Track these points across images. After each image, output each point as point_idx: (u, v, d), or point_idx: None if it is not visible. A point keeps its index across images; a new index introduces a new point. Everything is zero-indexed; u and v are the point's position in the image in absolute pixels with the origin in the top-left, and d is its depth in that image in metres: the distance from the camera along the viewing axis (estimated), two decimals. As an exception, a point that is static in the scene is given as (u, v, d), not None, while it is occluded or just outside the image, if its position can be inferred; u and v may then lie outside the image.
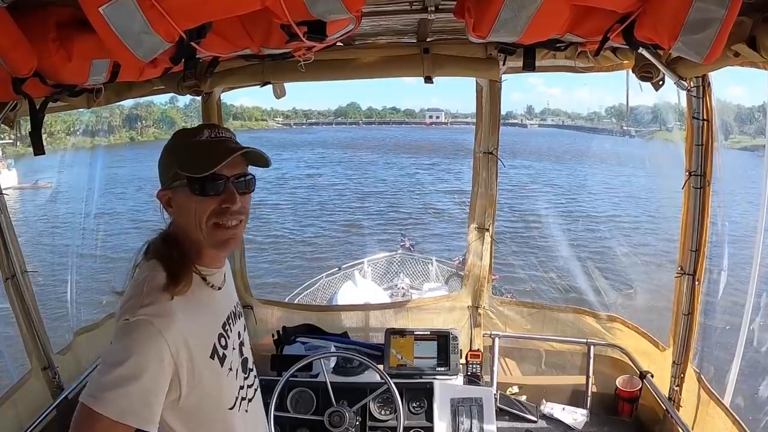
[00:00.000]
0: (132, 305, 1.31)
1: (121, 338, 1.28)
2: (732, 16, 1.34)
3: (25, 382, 2.82)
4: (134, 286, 1.37)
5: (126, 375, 1.24)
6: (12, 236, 2.74)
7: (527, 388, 3.38)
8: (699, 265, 2.71)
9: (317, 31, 1.52)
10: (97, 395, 1.23)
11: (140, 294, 1.33)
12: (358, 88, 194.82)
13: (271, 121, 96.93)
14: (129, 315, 1.29)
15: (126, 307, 1.32)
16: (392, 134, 76.02)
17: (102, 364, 1.28)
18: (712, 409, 2.66)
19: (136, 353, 1.26)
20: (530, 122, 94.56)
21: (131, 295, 1.34)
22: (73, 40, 1.61)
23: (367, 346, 3.18)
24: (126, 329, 1.28)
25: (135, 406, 1.25)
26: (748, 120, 31.41)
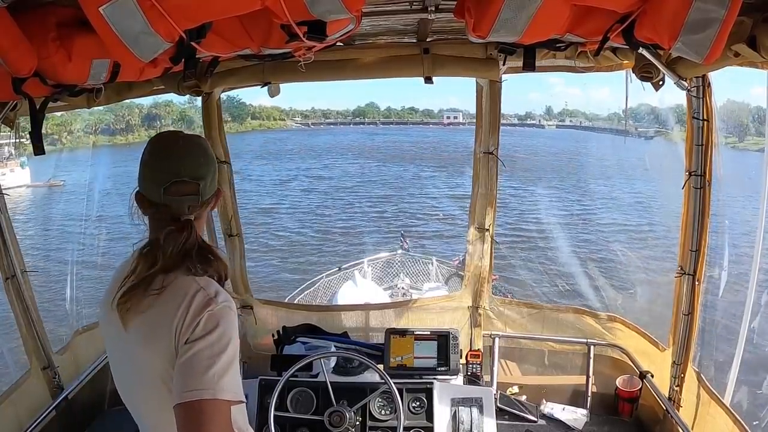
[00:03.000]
0: (207, 296, 1.41)
1: (215, 328, 1.37)
2: (732, 16, 1.34)
3: (24, 382, 2.82)
4: (192, 282, 1.45)
5: (229, 359, 1.36)
6: (12, 236, 2.74)
7: (527, 388, 3.39)
8: (699, 265, 2.71)
9: (317, 31, 1.52)
10: (214, 387, 1.31)
11: (207, 285, 1.45)
12: (377, 87, 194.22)
13: (290, 120, 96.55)
14: (212, 305, 1.40)
15: (200, 301, 1.40)
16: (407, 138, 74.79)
17: (200, 358, 1.34)
18: (713, 408, 2.66)
19: (233, 335, 1.40)
20: (548, 123, 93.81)
21: (197, 288, 1.43)
22: (73, 39, 1.61)
23: (367, 346, 3.18)
24: (215, 318, 1.39)
25: (240, 382, 1.39)
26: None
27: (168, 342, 1.39)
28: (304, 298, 8.42)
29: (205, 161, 1.53)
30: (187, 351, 1.35)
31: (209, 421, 1.29)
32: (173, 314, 1.39)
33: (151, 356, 1.42)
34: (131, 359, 1.49)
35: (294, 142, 62.35)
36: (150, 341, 1.42)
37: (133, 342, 1.46)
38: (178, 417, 1.30)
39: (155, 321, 1.42)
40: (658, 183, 23.06)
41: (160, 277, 1.45)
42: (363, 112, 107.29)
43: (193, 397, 1.29)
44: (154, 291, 1.43)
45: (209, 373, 1.32)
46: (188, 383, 1.32)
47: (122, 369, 1.56)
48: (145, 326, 1.44)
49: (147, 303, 1.43)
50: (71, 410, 2.96)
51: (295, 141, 63.67)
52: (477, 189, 3.36)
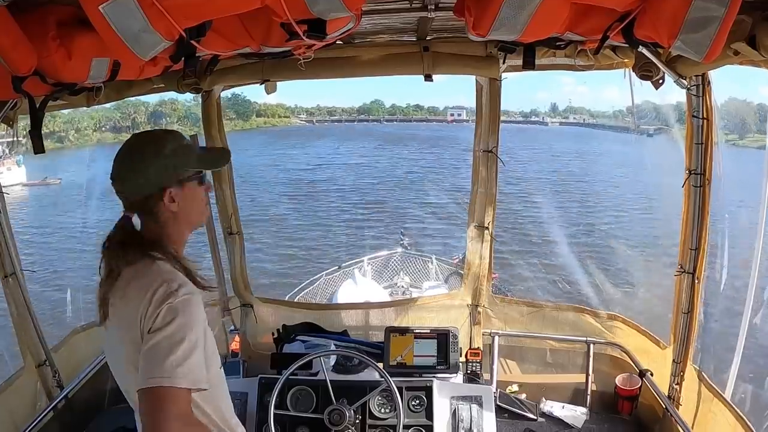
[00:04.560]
0: (169, 290, 1.47)
1: (173, 320, 1.43)
2: (732, 15, 1.34)
3: (17, 378, 2.82)
4: (157, 276, 1.51)
5: (189, 348, 1.42)
6: (10, 235, 2.74)
7: (527, 386, 3.39)
8: (699, 263, 2.71)
9: (317, 30, 1.53)
10: (171, 374, 1.38)
11: (171, 280, 1.50)
12: (383, 85, 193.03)
13: (294, 117, 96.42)
14: (171, 298, 1.45)
15: (162, 294, 1.46)
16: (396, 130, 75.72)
17: (159, 347, 1.41)
18: (715, 406, 2.66)
19: (193, 326, 1.46)
20: (552, 120, 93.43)
21: (161, 282, 1.48)
22: (73, 38, 1.61)
23: (367, 345, 3.18)
24: (174, 310, 1.44)
25: (201, 371, 1.45)
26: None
27: (136, 332, 1.47)
28: (304, 297, 8.42)
29: (128, 161, 1.58)
30: (149, 341, 1.43)
31: (165, 407, 1.36)
32: (138, 306, 1.47)
33: (126, 346, 1.50)
34: (114, 352, 1.60)
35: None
36: (124, 332, 1.51)
37: (113, 335, 1.57)
38: (140, 402, 1.39)
39: (125, 313, 1.50)
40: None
41: (125, 270, 1.55)
42: (368, 109, 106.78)
43: (152, 383, 1.37)
44: (121, 284, 1.55)
45: (167, 361, 1.38)
46: (149, 370, 1.39)
47: (111, 363, 1.66)
48: (117, 318, 1.54)
49: (117, 296, 1.54)
50: (71, 408, 2.96)
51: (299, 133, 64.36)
52: (476, 187, 3.35)
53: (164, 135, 1.65)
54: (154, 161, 1.57)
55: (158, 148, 1.59)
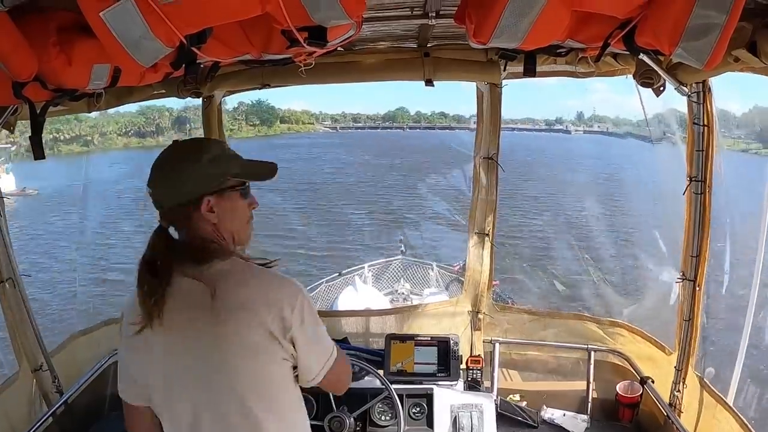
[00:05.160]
0: (295, 285, 1.55)
1: (312, 304, 1.57)
2: (733, 22, 1.34)
3: (11, 384, 2.81)
4: (275, 277, 1.56)
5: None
6: (8, 240, 2.74)
7: (528, 393, 3.37)
8: (700, 270, 2.70)
9: (318, 37, 1.53)
10: (331, 342, 1.66)
11: (285, 278, 1.57)
12: (409, 91, 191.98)
13: (318, 124, 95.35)
14: (303, 291, 1.55)
15: (292, 288, 1.53)
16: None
17: (316, 321, 1.57)
18: (719, 412, 2.64)
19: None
20: (576, 129, 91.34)
21: (285, 283, 1.54)
22: (73, 44, 1.61)
23: (367, 352, 3.17)
24: (309, 297, 1.57)
25: None
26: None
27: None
28: None
29: (168, 169, 1.52)
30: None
31: (343, 369, 1.87)
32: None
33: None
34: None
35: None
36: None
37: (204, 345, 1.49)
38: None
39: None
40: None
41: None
42: (393, 116, 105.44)
43: (329, 359, 1.68)
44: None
45: (323, 339, 1.65)
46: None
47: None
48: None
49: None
50: (71, 414, 2.95)
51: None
52: (477, 194, 3.35)
53: (205, 142, 1.63)
54: (192, 167, 1.51)
55: (197, 155, 1.53)
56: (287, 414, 1.61)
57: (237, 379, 1.48)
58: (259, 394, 1.52)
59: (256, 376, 1.50)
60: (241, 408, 1.49)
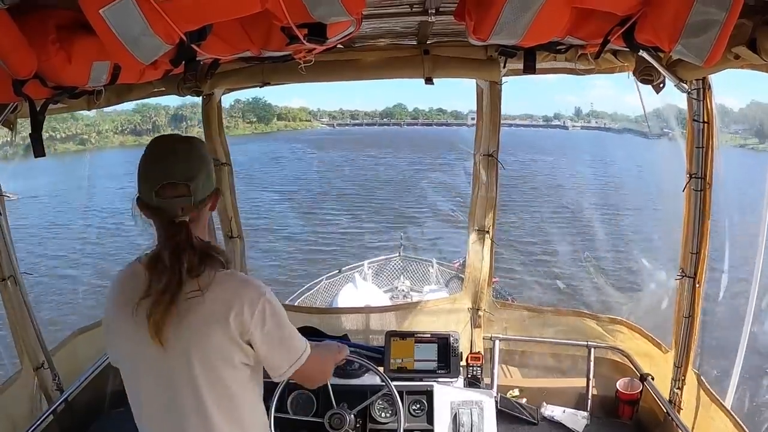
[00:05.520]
0: (260, 288, 1.56)
1: (276, 306, 1.57)
2: (732, 19, 1.33)
3: (13, 382, 2.82)
4: (240, 279, 1.59)
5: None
6: (9, 238, 2.75)
7: (528, 390, 3.38)
8: (699, 267, 2.71)
9: (318, 34, 1.53)
10: (305, 343, 1.66)
11: (251, 280, 1.60)
12: (407, 88, 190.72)
13: (316, 121, 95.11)
14: (266, 293, 1.55)
15: (256, 291, 1.54)
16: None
17: (283, 328, 1.59)
18: (714, 411, 2.65)
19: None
20: (574, 124, 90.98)
21: (247, 284, 1.56)
22: (73, 42, 1.61)
23: (367, 349, 3.17)
24: (273, 299, 1.57)
25: None
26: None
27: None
28: (305, 301, 8.40)
29: (196, 162, 1.53)
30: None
31: (318, 364, 1.84)
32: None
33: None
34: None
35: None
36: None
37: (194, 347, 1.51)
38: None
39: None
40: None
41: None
42: (390, 113, 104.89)
43: (299, 358, 1.67)
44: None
45: (292, 336, 1.66)
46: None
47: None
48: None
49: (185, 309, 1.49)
50: (71, 412, 2.96)
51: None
52: (477, 191, 3.35)
53: (197, 138, 1.66)
54: (211, 162, 1.58)
55: (204, 151, 1.59)
56: (245, 423, 1.61)
57: (195, 380, 1.50)
58: (216, 397, 1.54)
59: (215, 379, 1.52)
60: (197, 408, 1.52)
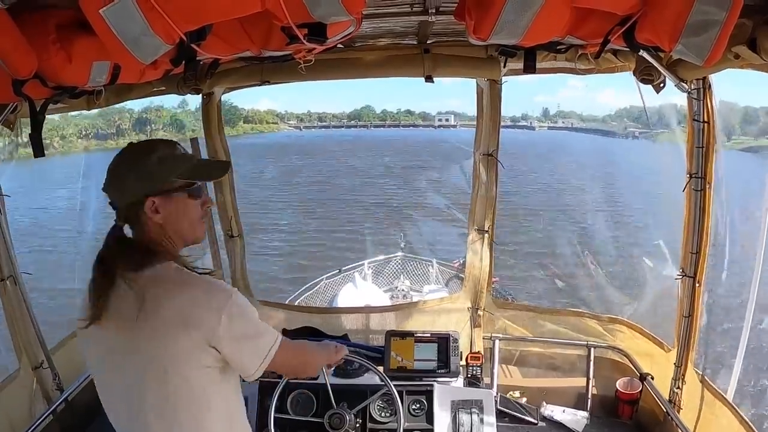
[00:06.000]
0: (227, 291, 1.54)
1: (244, 307, 1.56)
2: (733, 19, 1.34)
3: (11, 381, 2.82)
4: (207, 283, 1.56)
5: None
6: (8, 238, 2.75)
7: (527, 390, 3.38)
8: (699, 267, 2.71)
9: (318, 33, 1.53)
10: (274, 337, 1.63)
11: (218, 284, 1.58)
12: (375, 89, 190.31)
13: (283, 124, 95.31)
14: (233, 296, 1.54)
15: (223, 294, 1.53)
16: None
17: (250, 329, 1.58)
18: (719, 409, 2.65)
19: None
20: (540, 125, 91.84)
21: (215, 288, 1.54)
22: (73, 42, 1.61)
23: (367, 348, 3.17)
24: (240, 300, 1.55)
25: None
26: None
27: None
28: (305, 300, 8.40)
29: (119, 169, 1.55)
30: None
31: (291, 353, 1.78)
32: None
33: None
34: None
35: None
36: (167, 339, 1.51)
37: (135, 344, 1.51)
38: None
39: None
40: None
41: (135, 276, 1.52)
42: (358, 114, 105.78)
43: (270, 352, 1.63)
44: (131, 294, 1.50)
45: (259, 329, 1.63)
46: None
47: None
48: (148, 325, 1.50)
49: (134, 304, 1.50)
50: (71, 411, 2.96)
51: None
52: (477, 190, 3.35)
53: (155, 143, 1.60)
54: (136, 168, 1.53)
55: (144, 156, 1.54)
56: (216, 419, 1.60)
57: (163, 383, 1.50)
58: (183, 400, 1.53)
59: (180, 382, 1.52)
60: (162, 411, 1.53)
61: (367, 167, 38.02)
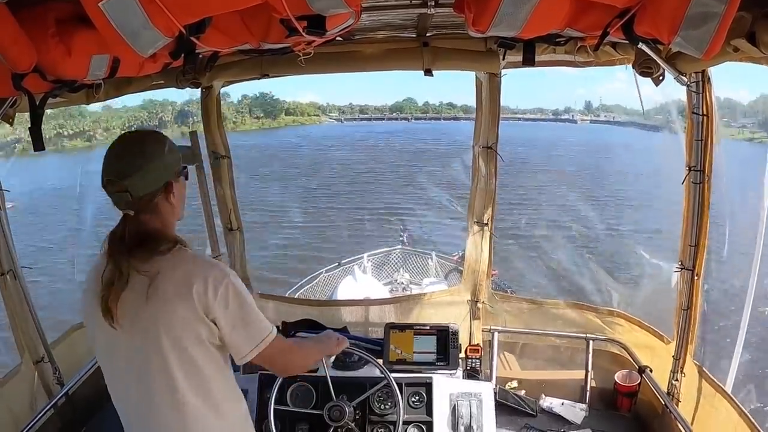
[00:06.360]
0: (224, 269, 1.64)
1: (240, 288, 1.63)
2: (732, 11, 1.34)
3: (13, 376, 2.83)
4: (206, 260, 1.68)
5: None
6: (8, 232, 2.75)
7: (526, 382, 3.39)
8: (698, 259, 2.71)
9: (317, 26, 1.53)
10: (269, 327, 1.71)
11: (217, 263, 1.68)
12: (418, 82, 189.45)
13: (324, 116, 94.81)
14: (230, 275, 1.63)
15: (220, 271, 1.61)
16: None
17: (247, 309, 1.64)
18: (718, 401, 2.66)
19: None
20: (583, 118, 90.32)
21: (212, 265, 1.64)
22: (72, 35, 1.61)
23: (366, 341, 3.18)
24: (237, 282, 1.63)
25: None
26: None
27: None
28: (304, 293, 8.42)
29: (137, 160, 1.58)
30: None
31: (282, 350, 1.83)
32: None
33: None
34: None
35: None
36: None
37: (143, 334, 1.59)
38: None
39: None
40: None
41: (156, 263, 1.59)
42: (400, 107, 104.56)
43: (262, 342, 1.72)
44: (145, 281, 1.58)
45: (256, 318, 1.72)
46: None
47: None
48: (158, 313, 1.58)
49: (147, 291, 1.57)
50: (72, 405, 2.97)
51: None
52: (476, 184, 3.36)
53: (154, 133, 1.70)
54: (159, 157, 1.61)
55: (159, 145, 1.63)
56: (219, 403, 1.69)
57: (165, 358, 1.57)
58: (186, 375, 1.60)
59: (182, 356, 1.58)
60: (168, 386, 1.59)
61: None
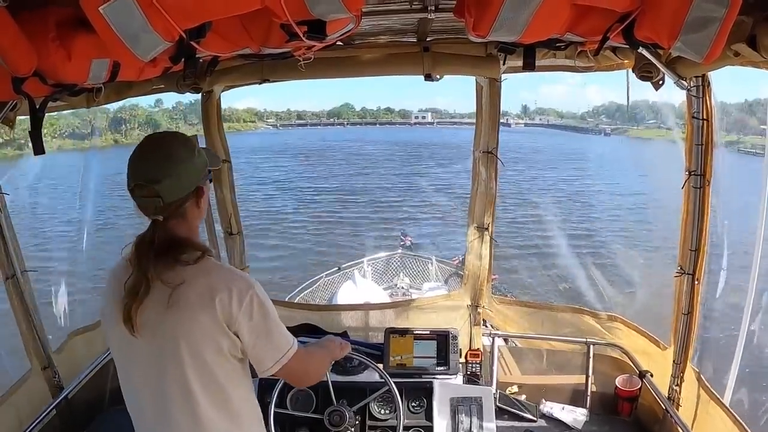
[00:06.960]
0: (249, 281, 1.60)
1: (265, 300, 1.59)
2: (732, 16, 1.34)
3: (24, 382, 2.82)
4: (231, 270, 1.66)
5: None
6: (12, 235, 2.74)
7: (527, 387, 3.39)
8: (698, 264, 2.71)
9: (317, 31, 1.53)
10: (292, 340, 1.66)
11: (242, 273, 1.65)
12: (356, 88, 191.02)
13: (260, 122, 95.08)
14: (255, 287, 1.58)
15: (245, 282, 1.58)
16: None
17: (270, 322, 1.60)
18: (713, 408, 2.65)
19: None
20: (517, 122, 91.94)
21: (237, 275, 1.61)
22: (72, 39, 1.61)
23: (366, 346, 3.17)
24: (262, 293, 1.59)
25: None
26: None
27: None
28: (304, 298, 8.40)
29: (166, 164, 1.53)
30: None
31: (303, 361, 1.76)
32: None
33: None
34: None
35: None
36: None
37: (164, 342, 1.55)
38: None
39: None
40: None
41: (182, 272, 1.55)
42: (338, 112, 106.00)
43: (284, 356, 1.67)
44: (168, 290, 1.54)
45: (281, 332, 1.68)
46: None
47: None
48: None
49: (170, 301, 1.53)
50: (71, 410, 2.96)
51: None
52: (476, 188, 3.36)
53: (184, 135, 1.65)
54: (192, 160, 1.57)
55: (192, 148, 1.59)
56: (236, 415, 1.64)
57: (182, 366, 1.53)
58: (203, 386, 1.56)
59: (201, 367, 1.55)
60: (184, 394, 1.55)
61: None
